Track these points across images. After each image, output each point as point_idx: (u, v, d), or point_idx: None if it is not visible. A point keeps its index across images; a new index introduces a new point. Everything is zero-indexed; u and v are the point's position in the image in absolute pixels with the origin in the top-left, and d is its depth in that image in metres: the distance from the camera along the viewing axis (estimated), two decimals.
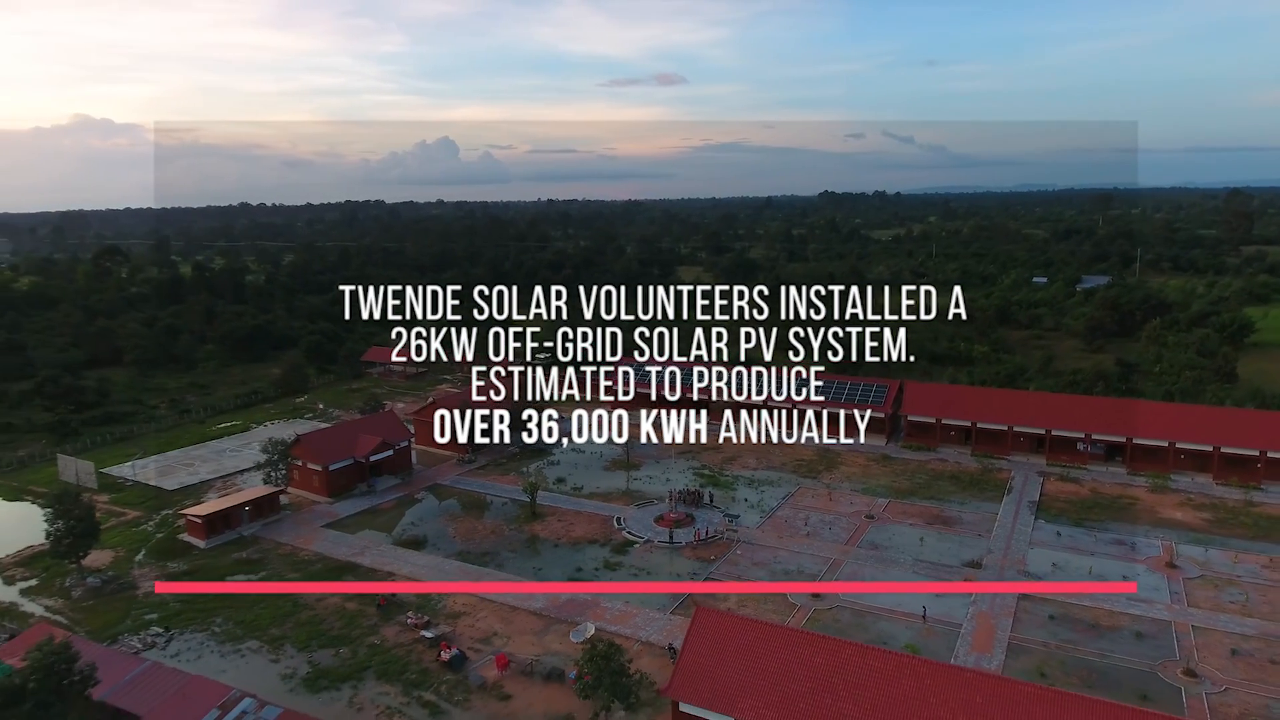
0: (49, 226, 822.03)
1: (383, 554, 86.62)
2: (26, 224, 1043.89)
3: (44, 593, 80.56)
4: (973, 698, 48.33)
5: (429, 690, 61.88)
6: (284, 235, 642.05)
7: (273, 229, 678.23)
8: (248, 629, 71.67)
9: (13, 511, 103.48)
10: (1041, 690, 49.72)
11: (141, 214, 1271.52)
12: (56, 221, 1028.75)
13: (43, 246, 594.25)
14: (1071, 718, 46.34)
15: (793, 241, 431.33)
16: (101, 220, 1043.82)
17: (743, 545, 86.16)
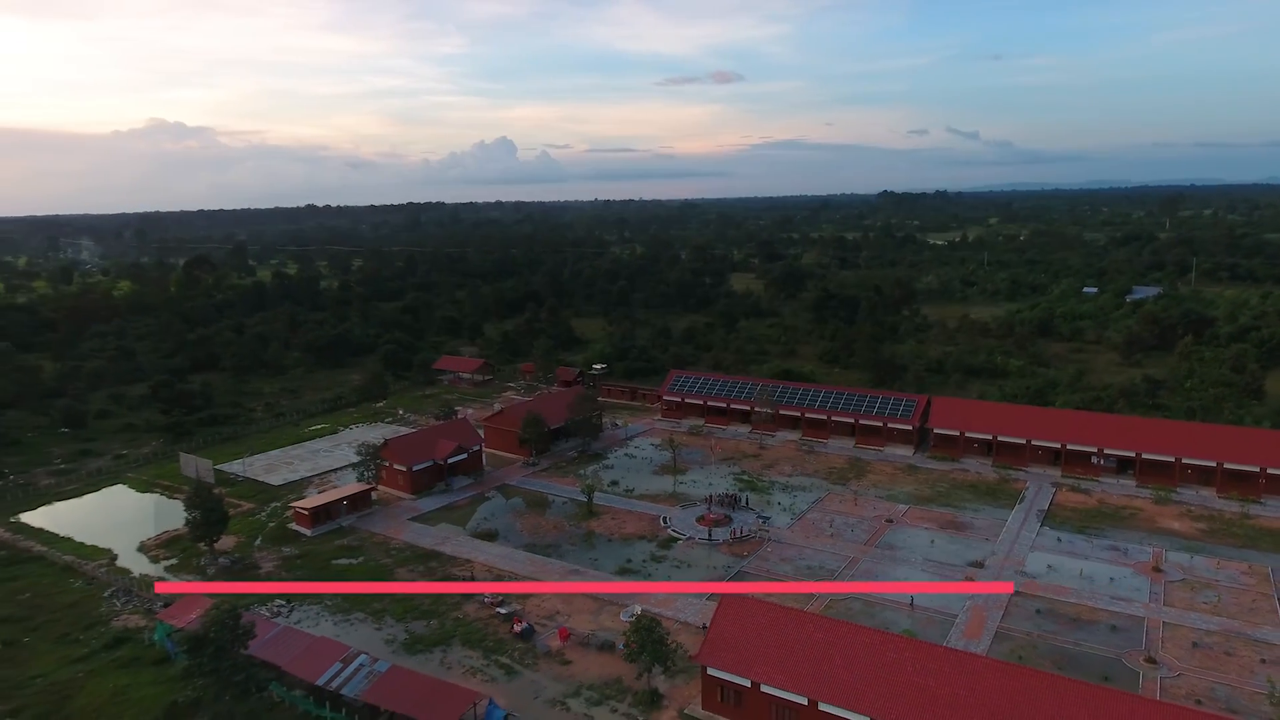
0: (130, 229, 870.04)
1: (460, 544, 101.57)
2: (109, 225, 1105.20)
3: (184, 570, 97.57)
4: (941, 667, 60.54)
5: (504, 655, 76.20)
6: (351, 239, 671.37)
7: (340, 232, 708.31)
8: (354, 603, 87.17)
9: (146, 502, 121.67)
10: (1000, 664, 61.77)
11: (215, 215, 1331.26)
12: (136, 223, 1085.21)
13: (128, 250, 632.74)
14: (1019, 685, 58.23)
15: (845, 248, 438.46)
16: (177, 222, 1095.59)
17: (773, 544, 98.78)
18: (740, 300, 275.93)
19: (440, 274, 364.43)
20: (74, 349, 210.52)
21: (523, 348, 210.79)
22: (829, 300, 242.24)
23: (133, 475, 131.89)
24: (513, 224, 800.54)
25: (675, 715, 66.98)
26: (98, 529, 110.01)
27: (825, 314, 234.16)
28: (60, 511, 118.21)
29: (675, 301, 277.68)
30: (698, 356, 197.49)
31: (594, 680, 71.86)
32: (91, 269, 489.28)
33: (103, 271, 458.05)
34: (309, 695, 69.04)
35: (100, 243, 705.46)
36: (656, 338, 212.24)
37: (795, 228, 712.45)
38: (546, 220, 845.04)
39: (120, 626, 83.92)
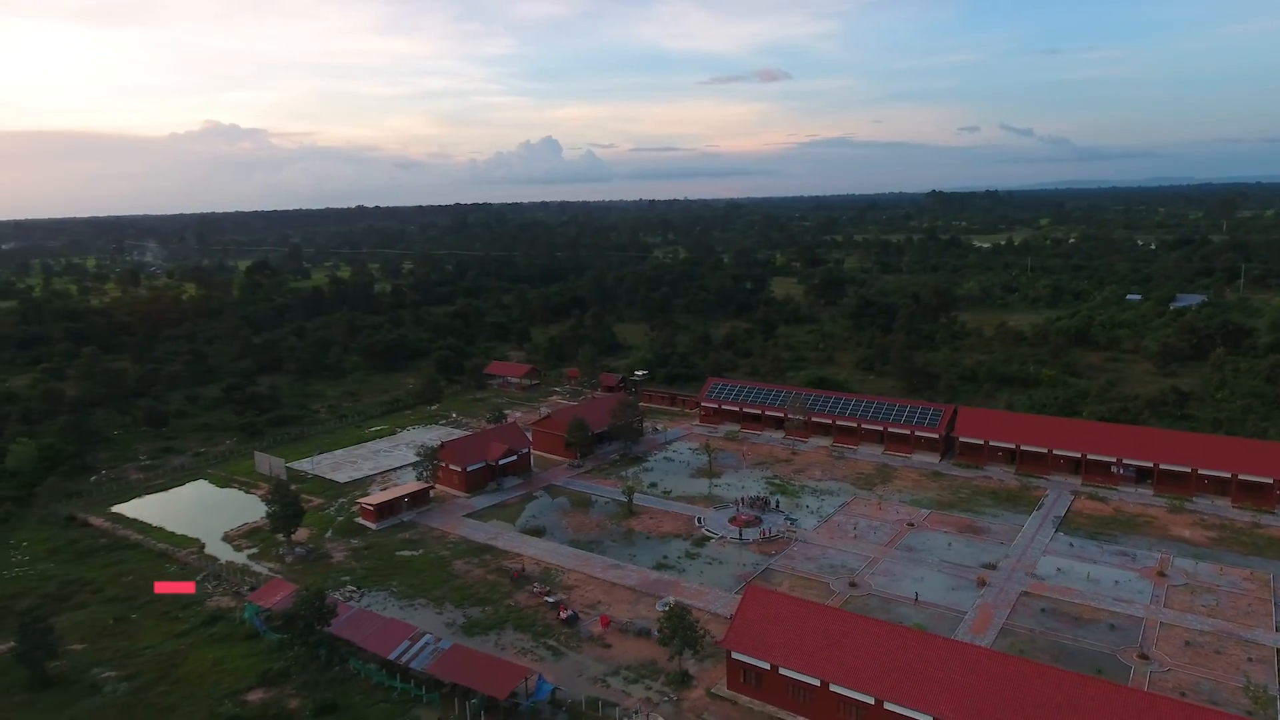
0: (190, 230, 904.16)
1: (510, 540, 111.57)
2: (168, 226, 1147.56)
3: (265, 558, 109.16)
4: (938, 655, 68.45)
5: (551, 639, 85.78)
6: (400, 240, 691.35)
7: (389, 234, 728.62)
8: (416, 590, 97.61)
9: (226, 496, 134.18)
10: (992, 653, 69.53)
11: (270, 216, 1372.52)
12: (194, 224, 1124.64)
13: (190, 252, 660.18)
14: (1009, 671, 65.91)
15: (888, 252, 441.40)
16: (234, 223, 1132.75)
17: (799, 544, 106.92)
18: (780, 307, 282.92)
19: (488, 278, 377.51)
20: (150, 352, 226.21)
21: (568, 353, 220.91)
22: (867, 308, 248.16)
23: (212, 471, 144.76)
24: (558, 225, 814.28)
25: (703, 694, 75.80)
26: (185, 520, 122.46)
27: (863, 321, 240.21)
28: (150, 504, 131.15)
29: (716, 308, 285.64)
30: (736, 363, 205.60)
31: (631, 662, 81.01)
32: (156, 271, 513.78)
33: (167, 274, 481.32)
34: (381, 668, 79.33)
35: (163, 245, 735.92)
36: (696, 344, 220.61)
37: (840, 229, 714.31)
38: (591, 221, 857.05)
39: (214, 607, 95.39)
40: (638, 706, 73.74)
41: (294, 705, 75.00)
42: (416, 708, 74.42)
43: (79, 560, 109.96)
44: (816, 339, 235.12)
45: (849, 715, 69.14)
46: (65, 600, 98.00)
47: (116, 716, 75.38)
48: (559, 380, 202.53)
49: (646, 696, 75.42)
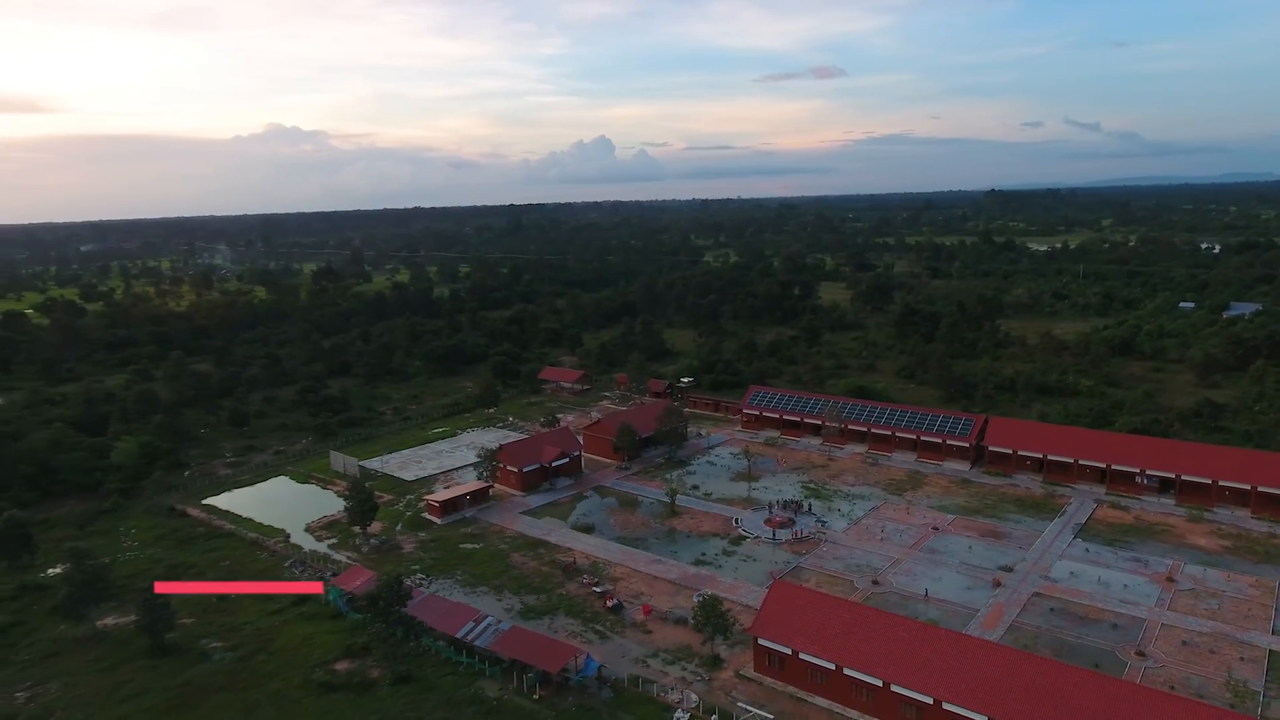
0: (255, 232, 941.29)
1: (563, 535, 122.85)
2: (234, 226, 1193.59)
3: (343, 548, 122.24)
4: (942, 645, 77.41)
5: (599, 624, 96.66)
6: (456, 242, 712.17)
7: (446, 237, 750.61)
8: (479, 579, 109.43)
9: (305, 491, 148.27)
10: (991, 644, 78.21)
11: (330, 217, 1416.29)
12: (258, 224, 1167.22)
13: (257, 255, 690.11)
14: (1004, 660, 74.62)
15: (940, 256, 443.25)
16: (296, 224, 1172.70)
17: (828, 544, 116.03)
18: (826, 313, 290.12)
19: (542, 282, 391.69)
20: (229, 355, 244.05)
21: (618, 358, 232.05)
22: (911, 316, 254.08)
23: (291, 468, 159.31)
24: (610, 227, 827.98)
25: (732, 675, 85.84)
26: (270, 512, 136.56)
27: (906, 329, 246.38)
28: (238, 497, 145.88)
29: (763, 313, 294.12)
30: (780, 370, 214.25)
31: (669, 646, 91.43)
32: (227, 274, 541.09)
33: (237, 277, 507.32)
34: (450, 645, 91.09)
35: (231, 247, 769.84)
36: (742, 351, 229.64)
37: (894, 230, 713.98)
38: (644, 223, 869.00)
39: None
40: (673, 684, 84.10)
41: (375, 675, 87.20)
42: (480, 680, 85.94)
43: (181, 547, 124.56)
44: (860, 346, 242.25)
45: (861, 696, 78.45)
46: (174, 580, 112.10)
47: (226, 680, 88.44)
48: (609, 385, 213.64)
49: (682, 676, 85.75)
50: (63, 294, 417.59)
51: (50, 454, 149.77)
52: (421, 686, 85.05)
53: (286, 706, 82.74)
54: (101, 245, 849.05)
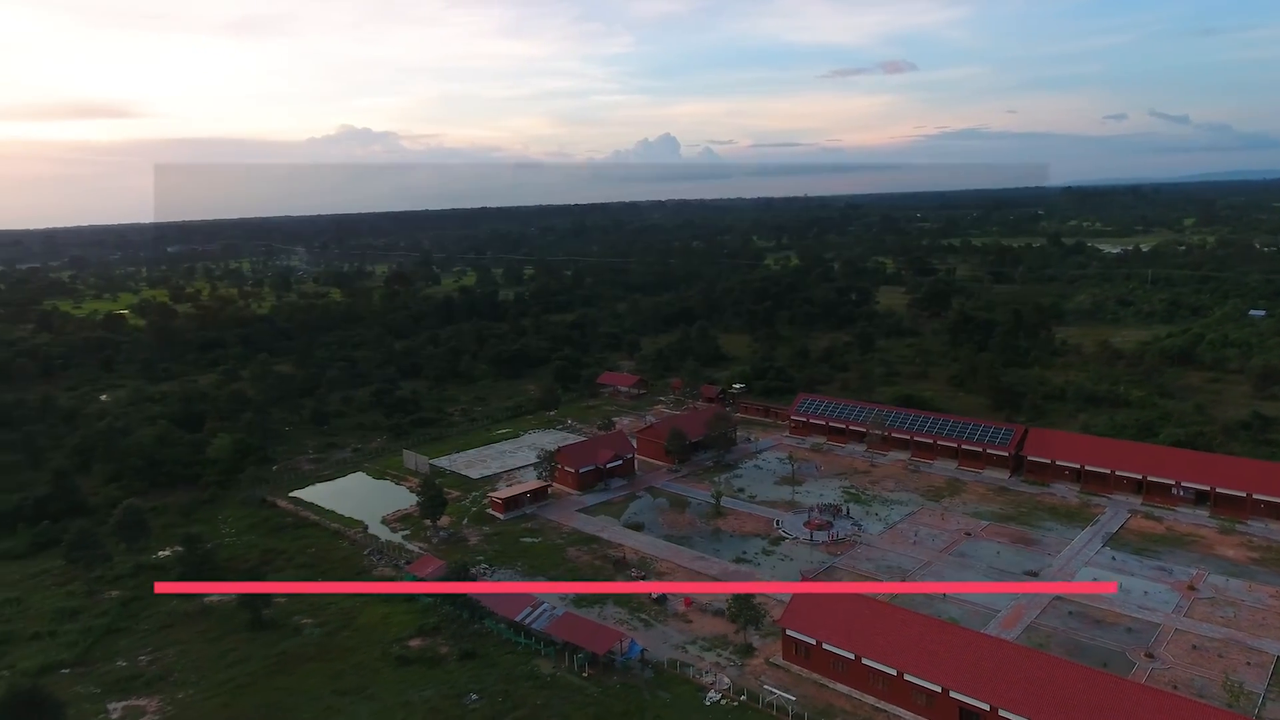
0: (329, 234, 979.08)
1: (615, 532, 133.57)
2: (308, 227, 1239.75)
3: (415, 538, 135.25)
4: (953, 640, 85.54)
5: (644, 613, 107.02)
6: (521, 244, 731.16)
7: (511, 239, 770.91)
8: (536, 569, 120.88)
9: (381, 486, 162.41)
10: (999, 641, 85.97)
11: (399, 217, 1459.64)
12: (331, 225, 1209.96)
13: (331, 257, 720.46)
14: (1009, 655, 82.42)
15: (1004, 260, 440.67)
16: (368, 225, 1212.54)
17: (863, 546, 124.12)
18: (882, 320, 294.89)
19: (604, 286, 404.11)
20: (310, 357, 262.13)
21: (675, 363, 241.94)
22: (966, 323, 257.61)
23: (368, 465, 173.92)
24: (673, 228, 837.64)
25: (762, 662, 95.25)
26: (349, 505, 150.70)
27: (960, 337, 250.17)
28: (320, 491, 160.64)
29: (819, 319, 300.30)
30: (832, 376, 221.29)
31: (707, 634, 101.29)
32: (304, 275, 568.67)
33: (314, 279, 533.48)
34: (509, 627, 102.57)
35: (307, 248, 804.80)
36: (795, 357, 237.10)
37: (961, 231, 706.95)
38: (707, 224, 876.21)
39: (379, 574, 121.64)
40: (709, 668, 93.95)
41: (444, 651, 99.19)
42: (536, 659, 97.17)
43: (272, 534, 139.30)
44: (914, 354, 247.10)
45: (877, 684, 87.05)
46: (267, 565, 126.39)
47: (315, 651, 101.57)
48: (664, 390, 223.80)
49: (716, 661, 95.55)
50: (154, 295, 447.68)
51: (156, 448, 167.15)
52: (484, 662, 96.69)
53: (367, 676, 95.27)
54: (186, 246, 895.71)
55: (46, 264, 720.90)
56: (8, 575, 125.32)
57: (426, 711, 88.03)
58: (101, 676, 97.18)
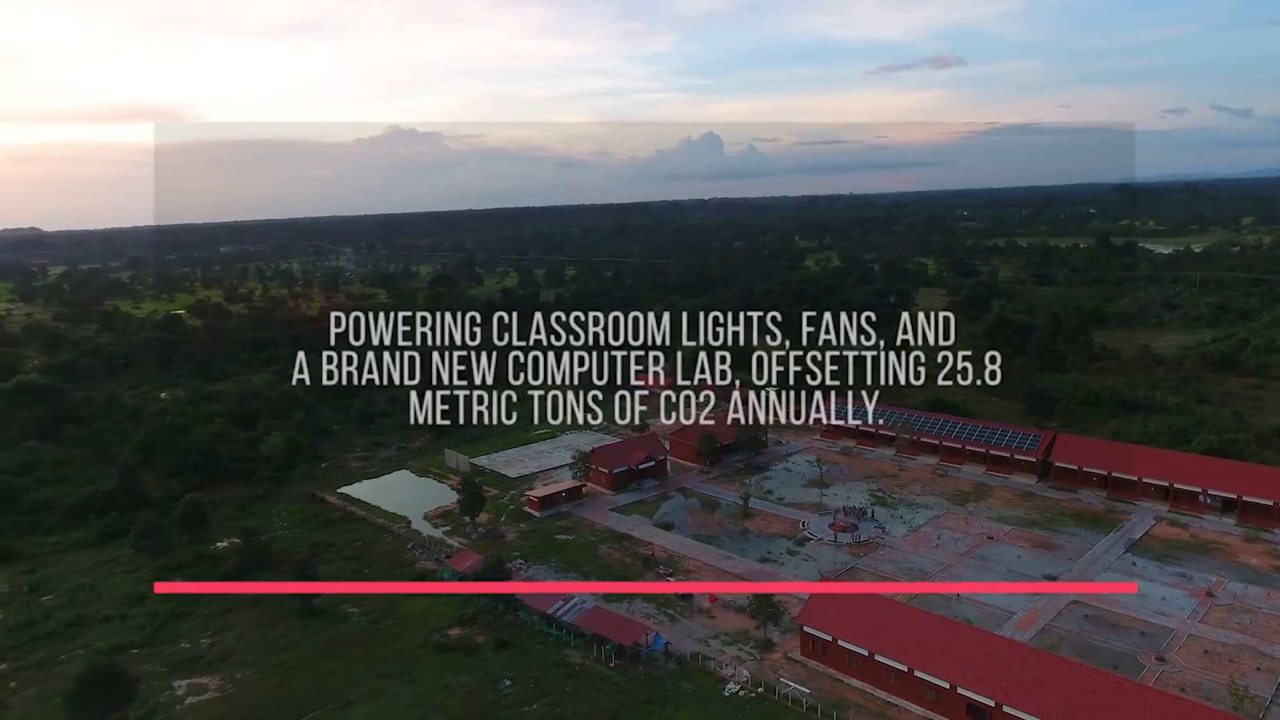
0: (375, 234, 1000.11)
1: (645, 531, 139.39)
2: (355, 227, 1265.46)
3: (455, 534, 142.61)
4: (962, 639, 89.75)
5: (670, 609, 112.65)
6: (563, 244, 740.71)
7: (553, 239, 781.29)
8: (570, 565, 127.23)
9: (423, 484, 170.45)
10: (1008, 641, 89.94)
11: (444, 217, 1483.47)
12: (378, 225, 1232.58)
13: (378, 257, 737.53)
14: (1017, 654, 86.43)
15: (1049, 261, 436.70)
16: (413, 224, 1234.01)
17: (885, 548, 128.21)
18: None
19: (643, 288, 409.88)
20: None
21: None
22: (1004, 327, 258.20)
23: (412, 464, 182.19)
24: (714, 228, 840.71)
25: (781, 656, 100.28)
26: (394, 501, 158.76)
27: (997, 341, 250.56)
28: (367, 487, 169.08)
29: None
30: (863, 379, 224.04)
31: (729, 630, 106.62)
32: (351, 276, 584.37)
33: (360, 279, 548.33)
34: (542, 619, 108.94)
35: (354, 249, 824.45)
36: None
37: (1008, 230, 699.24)
38: (748, 223, 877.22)
39: (421, 568, 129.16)
40: (729, 661, 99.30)
41: (480, 640, 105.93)
42: (566, 649, 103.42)
43: (322, 528, 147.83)
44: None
45: (888, 679, 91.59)
46: (317, 557, 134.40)
47: (361, 638, 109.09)
48: None
49: (737, 655, 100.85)
50: (209, 295, 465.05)
51: (213, 445, 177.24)
52: (518, 651, 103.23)
53: (409, 661, 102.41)
54: (238, 247, 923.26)
55: (106, 264, 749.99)
56: (80, 562, 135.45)
57: (463, 695, 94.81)
58: (167, 657, 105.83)
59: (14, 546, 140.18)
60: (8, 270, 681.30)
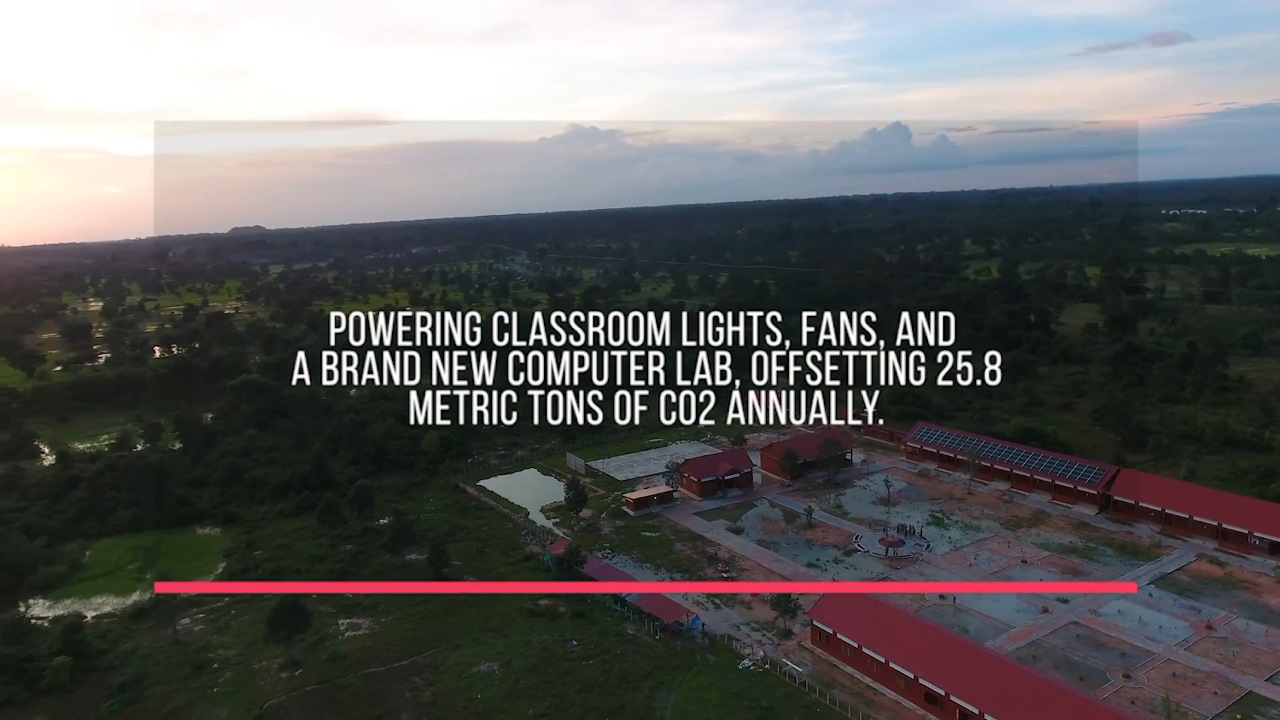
0: (551, 235, 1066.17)
1: (718, 534, 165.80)
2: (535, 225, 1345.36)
3: (561, 526, 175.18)
4: (943, 643, 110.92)
5: (717, 598, 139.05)
6: (726, 248, 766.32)
7: (717, 243, 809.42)
8: (647, 558, 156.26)
9: (545, 481, 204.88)
10: (987, 651, 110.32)
11: (619, 215, 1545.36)
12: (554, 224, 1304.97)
13: (548, 261, 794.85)
14: (990, 662, 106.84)
15: (1233, 276, 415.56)
16: (588, 225, 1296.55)
17: (922, 563, 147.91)
18: (1052, 344, 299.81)
19: (788, 299, 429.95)
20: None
21: None
22: (1133, 353, 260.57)
23: (539, 463, 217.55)
24: (881, 232, 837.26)
25: (795, 644, 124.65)
26: (520, 495, 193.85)
27: (1121, 369, 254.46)
28: (500, 482, 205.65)
29: (985, 342, 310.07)
30: (970, 404, 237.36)
31: (760, 620, 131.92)
32: (521, 281, 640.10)
33: (529, 283, 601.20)
34: (611, 598, 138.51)
35: (529, 253, 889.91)
36: (933, 385, 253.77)
37: (1217, 232, 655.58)
38: (920, 227, 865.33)
39: (529, 552, 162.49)
40: (751, 644, 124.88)
41: (561, 610, 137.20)
42: (625, 622, 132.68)
43: (460, 514, 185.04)
44: (1070, 384, 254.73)
45: (872, 667, 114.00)
46: (452, 536, 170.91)
47: (475, 601, 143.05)
48: None
49: (759, 639, 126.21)
50: (396, 298, 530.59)
51: (384, 440, 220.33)
52: (588, 621, 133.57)
53: (506, 621, 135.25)
54: (428, 248, 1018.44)
55: (315, 264, 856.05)
56: (282, 528, 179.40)
57: (540, 648, 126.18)
58: (335, 601, 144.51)
59: (238, 512, 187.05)
60: (237, 270, 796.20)
